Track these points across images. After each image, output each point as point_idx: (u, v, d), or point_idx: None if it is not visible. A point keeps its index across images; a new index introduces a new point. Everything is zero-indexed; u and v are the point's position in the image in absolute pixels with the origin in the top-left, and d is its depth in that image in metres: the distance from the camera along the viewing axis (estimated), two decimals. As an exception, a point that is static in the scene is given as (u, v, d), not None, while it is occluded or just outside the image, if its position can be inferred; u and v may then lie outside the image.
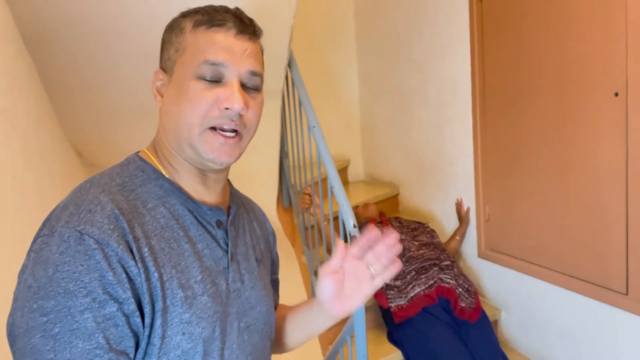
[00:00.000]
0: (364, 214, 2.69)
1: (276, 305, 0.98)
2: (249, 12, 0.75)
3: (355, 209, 2.77)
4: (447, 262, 2.22)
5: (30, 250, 0.60)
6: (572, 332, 2.09)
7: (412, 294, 2.08)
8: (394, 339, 2.15)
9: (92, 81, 1.85)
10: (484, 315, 2.12)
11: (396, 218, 2.61)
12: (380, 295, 2.14)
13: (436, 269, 2.17)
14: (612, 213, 1.84)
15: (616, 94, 1.76)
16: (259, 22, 0.74)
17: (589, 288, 1.97)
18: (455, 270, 2.20)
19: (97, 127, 2.13)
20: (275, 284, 0.96)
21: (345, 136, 3.59)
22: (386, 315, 2.18)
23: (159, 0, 1.52)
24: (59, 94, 1.89)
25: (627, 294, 1.82)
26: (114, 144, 2.25)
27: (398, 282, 2.15)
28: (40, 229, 0.62)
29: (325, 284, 0.75)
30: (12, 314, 0.57)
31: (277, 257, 0.96)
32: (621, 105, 1.75)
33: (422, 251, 2.27)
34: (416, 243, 2.33)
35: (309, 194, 2.13)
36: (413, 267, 2.19)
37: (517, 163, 2.24)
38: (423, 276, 2.14)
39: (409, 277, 2.16)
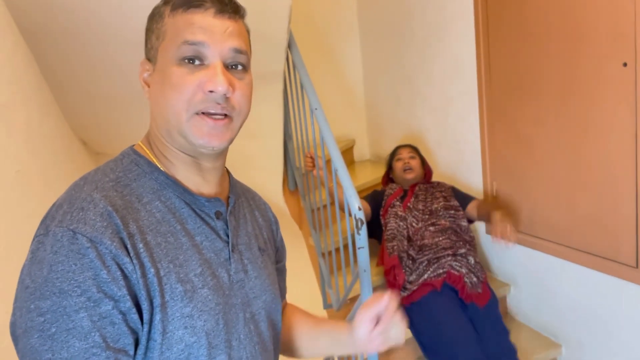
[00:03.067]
0: (401, 174, 2.43)
1: (283, 294, 0.97)
2: (245, -7, 0.73)
3: (397, 160, 2.50)
4: (463, 250, 2.16)
5: (29, 250, 0.61)
6: (581, 305, 2.09)
7: (420, 280, 2.08)
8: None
9: (90, 70, 1.84)
10: (493, 302, 2.09)
11: (425, 192, 2.37)
12: (394, 286, 2.16)
13: (449, 258, 2.13)
14: (622, 186, 1.81)
15: (625, 64, 1.72)
16: (257, 3, 0.72)
17: (598, 262, 1.96)
18: (471, 259, 2.15)
19: (99, 116, 2.13)
20: (280, 271, 0.95)
21: (350, 116, 3.56)
22: None
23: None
24: (60, 84, 1.88)
25: (637, 266, 1.80)
26: (118, 132, 2.25)
27: (413, 276, 2.12)
28: (38, 229, 0.62)
29: (363, 327, 0.80)
30: (13, 314, 0.58)
31: (283, 244, 0.95)
32: (630, 75, 1.71)
33: (437, 239, 2.19)
34: (432, 229, 2.22)
35: (311, 157, 2.10)
36: (426, 257, 2.15)
37: (525, 138, 2.21)
38: (434, 266, 2.12)
39: (421, 267, 2.14)
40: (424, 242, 2.19)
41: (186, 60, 0.65)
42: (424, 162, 2.52)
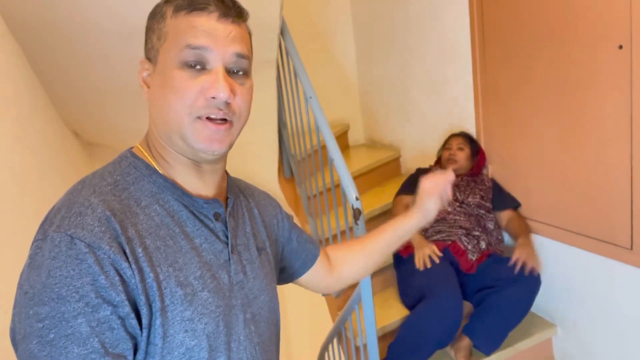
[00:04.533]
0: (445, 164, 2.42)
1: (314, 258, 0.98)
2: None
3: (445, 149, 2.47)
4: (477, 233, 2.23)
5: (28, 255, 0.60)
6: (577, 287, 2.12)
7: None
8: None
9: (75, 61, 1.81)
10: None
11: (466, 185, 2.36)
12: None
13: (461, 233, 2.21)
14: (617, 168, 1.82)
15: (620, 47, 1.71)
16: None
17: (593, 244, 1.98)
18: (482, 243, 2.21)
19: (86, 108, 2.11)
20: (305, 241, 0.97)
21: (344, 100, 3.54)
22: (398, 264, 2.31)
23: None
24: (48, 76, 1.85)
25: (631, 248, 1.83)
26: (109, 122, 2.23)
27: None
28: (36, 233, 0.61)
29: (435, 206, 1.04)
30: (12, 320, 0.58)
31: (289, 223, 0.95)
32: (625, 58, 1.70)
33: (457, 217, 2.26)
34: (458, 210, 2.28)
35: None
36: (440, 227, 2.25)
37: (520, 121, 2.21)
38: (443, 234, 2.22)
39: (430, 231, 2.27)
40: (444, 217, 2.26)
41: (188, 65, 0.64)
42: (476, 154, 2.41)
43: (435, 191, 1.04)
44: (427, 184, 1.05)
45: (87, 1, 1.53)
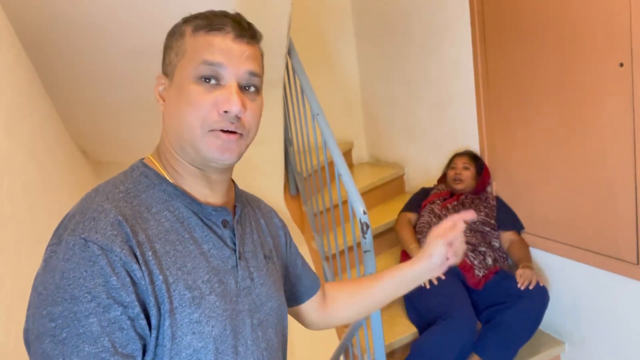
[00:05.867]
0: (451, 183, 2.43)
1: (317, 285, 1.00)
2: (247, 1, 0.75)
3: (451, 168, 2.47)
4: (483, 249, 2.23)
5: (42, 259, 0.63)
6: (583, 303, 2.11)
7: None
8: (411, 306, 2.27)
9: (92, 80, 1.85)
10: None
11: (471, 202, 2.38)
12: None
13: (468, 248, 2.21)
14: (620, 183, 1.84)
15: (621, 65, 1.74)
16: (256, 10, 0.74)
17: (598, 259, 1.98)
18: (489, 260, 2.21)
19: (99, 126, 2.14)
20: (303, 268, 0.98)
21: (347, 118, 3.57)
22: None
23: (155, -1, 1.50)
24: (60, 94, 1.89)
25: (637, 263, 1.83)
26: (118, 141, 2.25)
27: None
28: (51, 238, 0.64)
29: (441, 255, 0.94)
30: (26, 321, 0.60)
31: (295, 247, 0.98)
32: (627, 75, 1.73)
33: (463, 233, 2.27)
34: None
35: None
36: None
37: (524, 138, 2.23)
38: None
39: None
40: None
41: (203, 79, 0.68)
42: (480, 171, 2.42)
43: (445, 236, 0.94)
44: (437, 229, 0.97)
45: (105, 20, 1.57)
